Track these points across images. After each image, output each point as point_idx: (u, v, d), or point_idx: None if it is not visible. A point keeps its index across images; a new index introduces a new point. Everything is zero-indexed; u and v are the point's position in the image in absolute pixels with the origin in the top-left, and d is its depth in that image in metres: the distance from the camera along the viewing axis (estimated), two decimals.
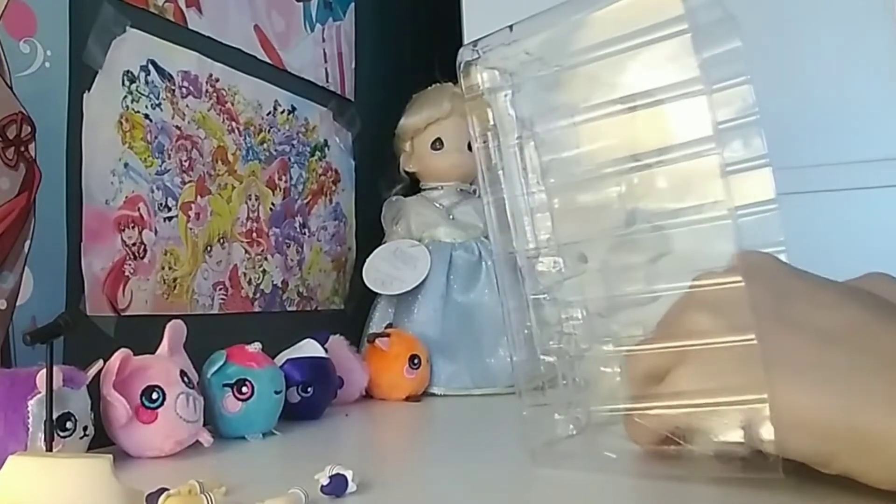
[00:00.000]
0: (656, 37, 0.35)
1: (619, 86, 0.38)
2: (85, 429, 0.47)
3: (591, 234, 0.41)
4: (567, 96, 0.41)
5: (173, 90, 0.70)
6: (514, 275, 0.42)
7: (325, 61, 0.96)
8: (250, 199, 0.81)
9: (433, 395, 0.86)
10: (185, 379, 0.53)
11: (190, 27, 0.73)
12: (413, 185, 1.03)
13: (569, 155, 0.41)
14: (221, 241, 0.76)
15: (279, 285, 0.85)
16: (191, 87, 0.73)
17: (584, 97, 0.39)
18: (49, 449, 0.43)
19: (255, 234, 0.81)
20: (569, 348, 0.41)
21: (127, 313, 0.64)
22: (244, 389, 0.58)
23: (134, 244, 0.65)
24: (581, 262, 0.41)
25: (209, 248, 0.74)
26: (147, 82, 0.67)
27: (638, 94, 0.37)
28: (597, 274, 0.41)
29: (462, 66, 0.43)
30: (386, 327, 0.90)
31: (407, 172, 1.02)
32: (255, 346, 0.61)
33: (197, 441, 0.52)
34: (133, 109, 0.66)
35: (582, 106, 0.39)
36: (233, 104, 0.79)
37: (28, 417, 0.44)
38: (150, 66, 0.68)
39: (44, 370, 0.44)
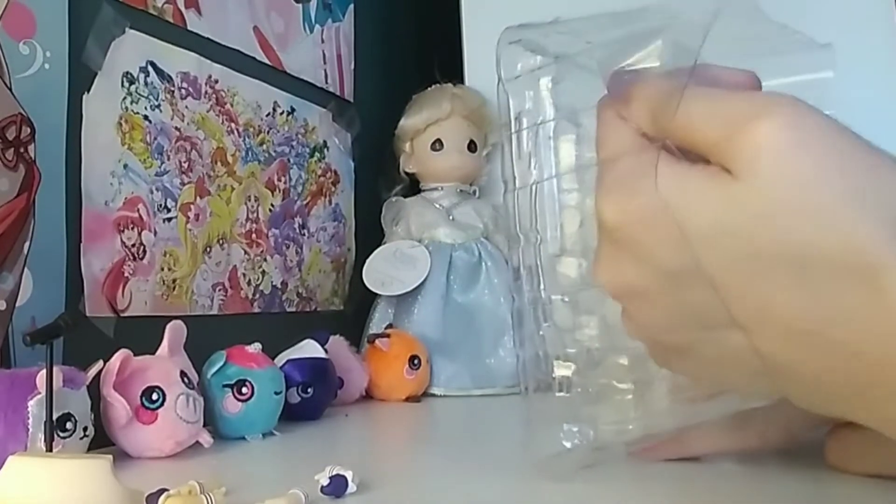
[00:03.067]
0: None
1: None
2: (85, 429, 0.47)
3: None
4: None
5: (173, 91, 0.70)
6: (532, 272, 0.41)
7: (325, 62, 0.96)
8: (249, 200, 0.81)
9: (433, 395, 0.86)
10: (185, 379, 0.53)
11: (189, 28, 0.73)
12: (413, 186, 1.03)
13: None
14: (221, 242, 0.76)
15: (278, 286, 0.85)
16: (190, 89, 0.73)
17: None
18: (49, 449, 0.43)
19: (254, 235, 0.81)
20: (582, 356, 0.40)
21: (126, 314, 0.63)
22: (244, 390, 0.58)
23: (133, 245, 0.65)
24: None
25: (208, 249, 0.74)
26: (146, 83, 0.67)
27: None
28: None
29: (503, 46, 0.40)
30: (386, 328, 0.90)
31: (407, 173, 1.02)
32: (255, 347, 0.61)
33: (197, 442, 0.52)
34: (132, 111, 0.66)
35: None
36: (232, 105, 0.79)
37: (28, 418, 0.44)
38: (150, 68, 0.68)
39: (44, 371, 0.44)
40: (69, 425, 0.45)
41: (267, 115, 0.84)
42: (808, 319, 0.25)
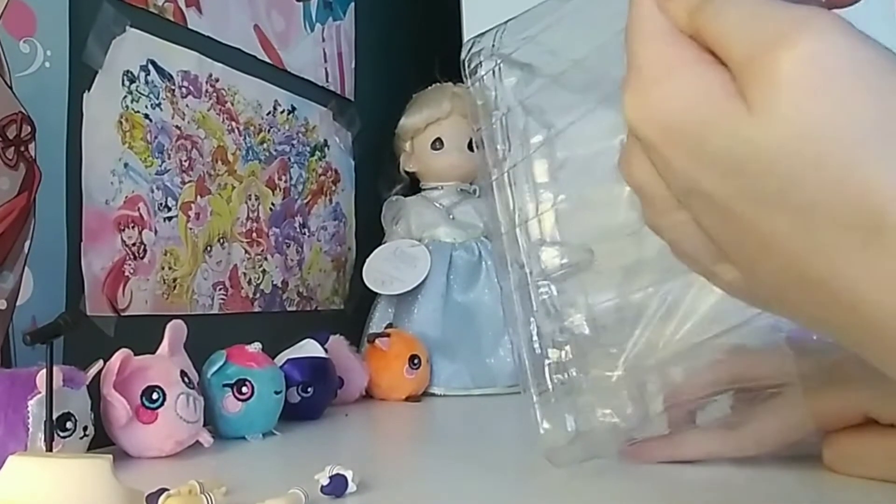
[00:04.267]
0: None
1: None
2: (85, 429, 0.47)
3: (596, 232, 0.40)
4: (582, 92, 0.39)
5: (173, 90, 0.70)
6: (518, 264, 0.41)
7: (325, 61, 0.96)
8: (250, 199, 0.81)
9: (433, 395, 0.86)
10: (186, 379, 0.53)
11: (190, 27, 0.73)
12: (413, 185, 1.03)
13: (583, 152, 0.40)
14: (221, 241, 0.76)
15: (279, 285, 0.85)
16: (190, 87, 0.73)
17: (598, 92, 0.37)
18: (49, 449, 0.43)
19: (254, 234, 0.81)
20: (573, 341, 0.40)
21: (127, 313, 0.63)
22: (244, 389, 0.58)
23: (134, 244, 0.65)
24: (586, 253, 0.40)
25: (209, 248, 0.74)
26: (147, 82, 0.67)
27: None
28: (600, 277, 0.40)
29: (468, 55, 0.41)
30: (386, 327, 0.90)
31: (407, 172, 1.02)
32: (255, 347, 0.61)
33: (197, 441, 0.52)
34: (133, 109, 0.66)
35: (594, 102, 0.38)
36: (233, 104, 0.79)
37: (28, 417, 0.44)
38: (150, 66, 0.68)
39: (44, 370, 0.44)
40: (69, 425, 0.45)
41: (267, 114, 0.84)
42: (806, 267, 0.24)
